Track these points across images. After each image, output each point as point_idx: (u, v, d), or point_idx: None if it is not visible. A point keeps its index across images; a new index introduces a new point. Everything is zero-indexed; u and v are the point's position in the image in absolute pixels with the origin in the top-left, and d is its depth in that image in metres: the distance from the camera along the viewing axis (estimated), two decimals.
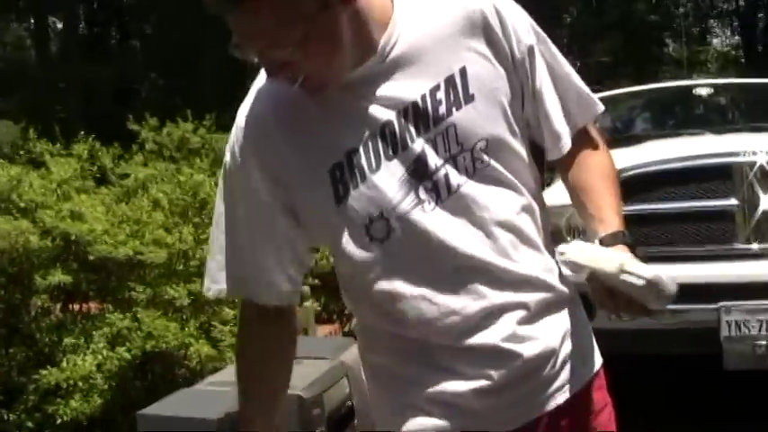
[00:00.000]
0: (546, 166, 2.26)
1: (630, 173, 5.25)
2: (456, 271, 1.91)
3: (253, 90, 2.02)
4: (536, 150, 2.13)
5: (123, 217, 5.94)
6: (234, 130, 2.01)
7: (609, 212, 2.04)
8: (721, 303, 5.36)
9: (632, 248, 1.99)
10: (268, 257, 2.02)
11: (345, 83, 1.89)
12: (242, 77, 23.10)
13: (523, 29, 2.02)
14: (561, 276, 2.05)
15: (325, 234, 1.99)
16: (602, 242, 1.98)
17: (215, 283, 2.08)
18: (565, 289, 2.05)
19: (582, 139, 2.15)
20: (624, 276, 1.87)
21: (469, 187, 1.92)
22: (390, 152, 1.90)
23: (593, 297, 1.95)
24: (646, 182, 5.44)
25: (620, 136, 7.98)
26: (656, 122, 8.96)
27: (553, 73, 2.07)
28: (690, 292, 5.54)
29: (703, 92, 8.34)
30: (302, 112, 1.93)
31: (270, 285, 2.04)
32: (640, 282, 1.86)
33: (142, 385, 5.64)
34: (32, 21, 28.94)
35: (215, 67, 21.87)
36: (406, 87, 1.92)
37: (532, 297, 1.98)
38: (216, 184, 7.14)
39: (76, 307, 6.13)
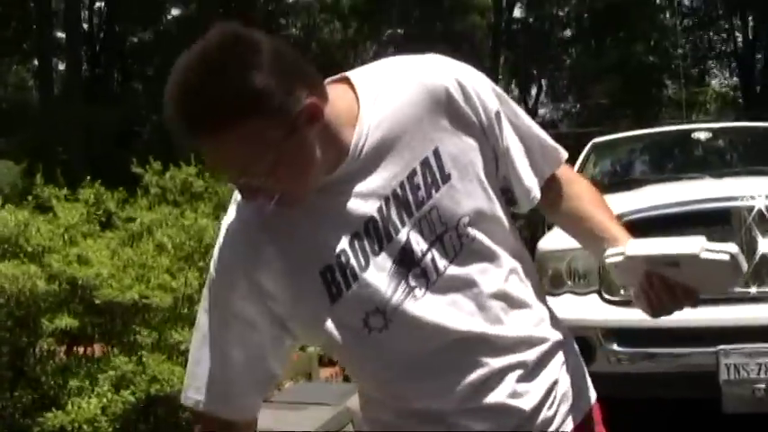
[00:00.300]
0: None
1: (630, 218, 5.28)
2: (454, 347, 1.94)
3: (233, 202, 2.00)
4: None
5: (129, 261, 5.97)
6: (218, 241, 2.00)
7: (617, 230, 2.10)
8: (720, 347, 5.41)
9: None
10: (247, 375, 2.03)
11: (323, 185, 1.90)
12: None
13: (487, 95, 2.03)
14: (553, 320, 2.12)
15: (319, 334, 1.98)
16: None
17: (195, 391, 2.05)
18: (558, 334, 2.11)
19: (557, 178, 2.21)
20: (707, 255, 1.88)
21: (457, 266, 1.95)
22: (376, 247, 1.91)
23: (647, 297, 2.00)
24: (645, 227, 5.46)
25: (620, 179, 8.06)
26: (656, 166, 9.03)
27: (518, 131, 2.09)
28: (689, 335, 5.63)
29: (702, 135, 8.40)
30: (285, 219, 1.92)
31: (244, 407, 2.07)
32: (725, 257, 1.88)
33: (146, 428, 5.66)
34: (36, 62, 29.12)
35: None
36: (383, 179, 1.93)
37: (529, 354, 2.03)
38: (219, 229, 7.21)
39: (81, 350, 6.15)
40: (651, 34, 29.74)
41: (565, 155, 2.22)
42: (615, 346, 5.65)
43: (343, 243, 1.91)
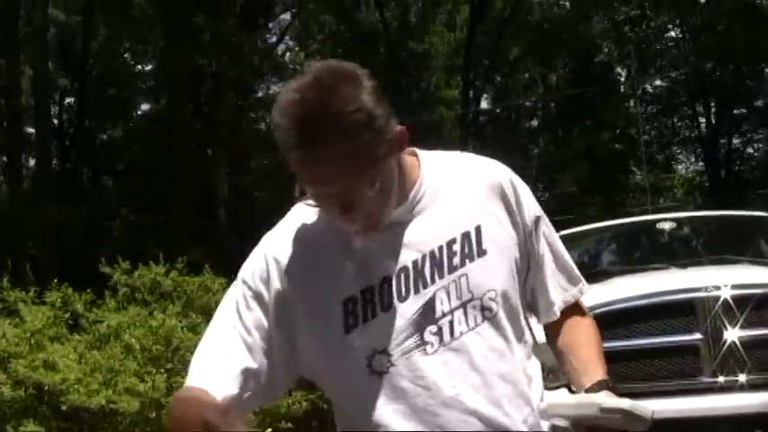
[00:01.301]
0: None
1: (598, 311, 5.30)
2: (443, 410, 2.02)
3: (284, 221, 2.20)
4: None
5: (96, 365, 5.96)
6: (257, 250, 2.17)
7: (592, 365, 2.23)
8: None
9: (616, 391, 2.16)
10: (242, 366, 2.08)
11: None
12: (213, 213, 23.23)
13: (532, 203, 2.25)
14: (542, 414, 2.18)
15: (321, 361, 2.10)
16: (588, 391, 2.16)
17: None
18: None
19: (569, 309, 2.34)
20: (603, 414, 2.08)
21: (474, 336, 2.06)
22: (403, 294, 2.05)
23: None
24: (613, 320, 5.52)
25: (587, 272, 8.05)
26: (622, 257, 9.08)
27: (551, 248, 2.29)
28: (660, 426, 5.63)
29: (666, 226, 8.46)
30: (325, 246, 2.11)
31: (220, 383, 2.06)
32: (617, 415, 2.08)
33: None
34: (5, 158, 29.08)
35: (186, 203, 22.02)
36: (425, 237, 2.10)
37: None
38: (187, 328, 7.23)
39: None
40: (617, 122, 30.14)
41: (587, 288, 2.37)
42: None
43: (373, 281, 2.06)
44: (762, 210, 11.11)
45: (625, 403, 2.10)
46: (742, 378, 5.67)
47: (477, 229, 2.13)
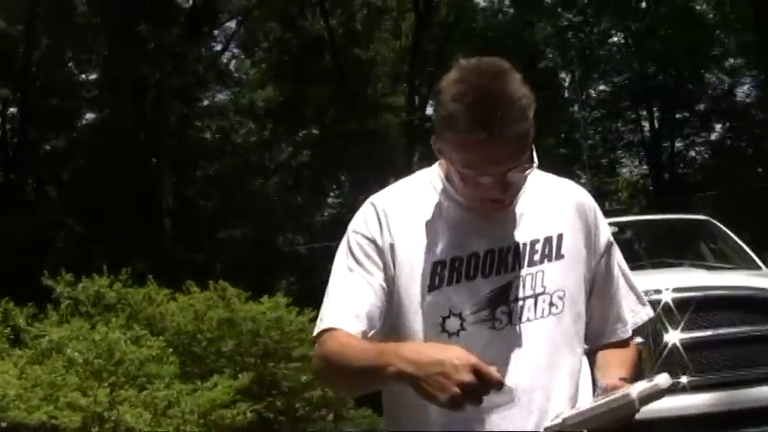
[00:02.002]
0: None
1: None
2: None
3: (390, 188, 2.46)
4: None
5: (37, 380, 5.89)
6: (365, 207, 2.41)
7: (615, 367, 2.40)
8: None
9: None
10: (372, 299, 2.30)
11: (476, 207, 2.31)
12: (158, 223, 23.09)
13: (606, 229, 2.48)
14: None
15: (405, 311, 2.31)
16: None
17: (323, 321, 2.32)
18: None
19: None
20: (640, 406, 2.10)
21: (538, 324, 2.29)
22: (486, 272, 2.29)
23: None
24: None
25: None
26: None
27: (623, 272, 2.51)
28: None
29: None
30: (428, 211, 2.36)
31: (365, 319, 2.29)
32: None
33: None
34: None
35: (131, 213, 21.87)
36: (515, 231, 2.34)
37: None
38: (131, 340, 7.18)
39: None
40: (561, 127, 30.35)
41: (652, 313, 2.58)
42: None
43: (464, 253, 2.30)
44: (705, 213, 11.26)
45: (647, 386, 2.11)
46: (684, 380, 5.75)
47: (560, 237, 2.37)
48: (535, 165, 2.24)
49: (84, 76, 30.22)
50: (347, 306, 2.29)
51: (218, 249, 27.36)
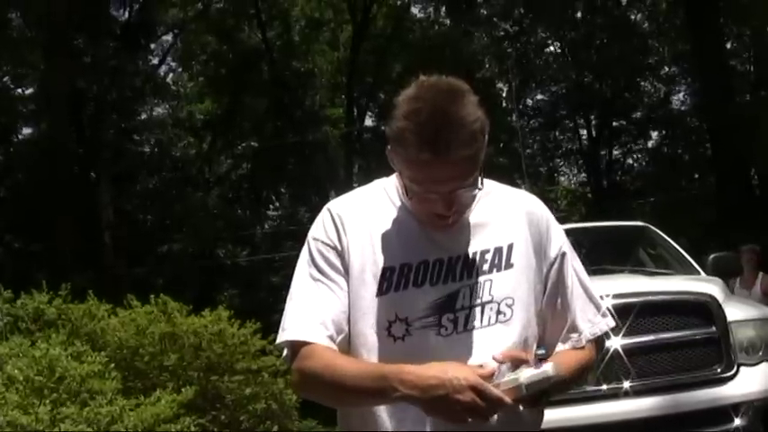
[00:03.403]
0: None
1: None
2: None
3: (348, 195, 2.53)
4: None
5: None
6: (322, 213, 2.47)
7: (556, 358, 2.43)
8: None
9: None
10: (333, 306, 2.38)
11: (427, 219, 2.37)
12: (98, 238, 22.86)
13: (560, 239, 2.51)
14: None
15: (354, 313, 2.37)
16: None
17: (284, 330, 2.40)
18: None
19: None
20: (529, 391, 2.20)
21: (484, 332, 2.33)
22: (434, 280, 2.35)
23: None
24: None
25: None
26: None
27: (580, 281, 2.52)
28: None
29: None
30: (383, 218, 2.43)
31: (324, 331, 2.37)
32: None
33: None
34: None
35: (70, 228, 21.64)
36: (465, 241, 2.40)
37: None
38: (72, 356, 7.10)
39: None
40: (500, 136, 30.55)
41: (612, 323, 2.60)
42: None
43: (413, 261, 2.37)
44: (643, 219, 11.38)
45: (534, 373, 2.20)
46: (626, 385, 5.80)
47: (510, 247, 2.43)
48: (481, 187, 2.30)
49: (20, 90, 29.86)
50: (312, 315, 2.36)
51: (158, 263, 27.18)
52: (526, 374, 2.16)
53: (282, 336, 2.38)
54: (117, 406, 6.80)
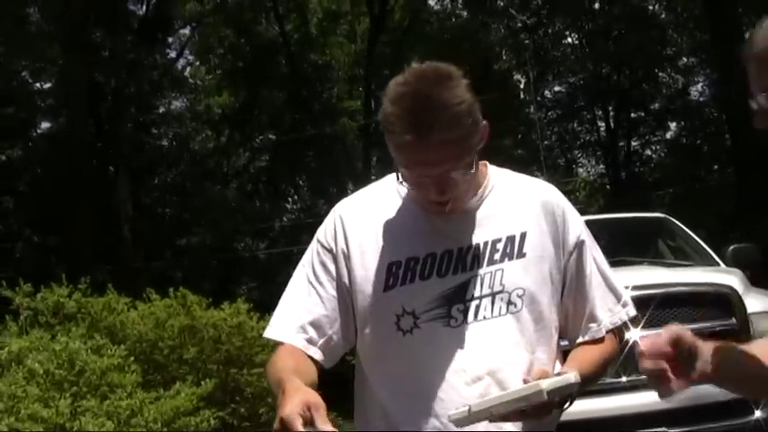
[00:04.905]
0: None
1: None
2: (453, 373, 2.30)
3: (359, 191, 2.56)
4: None
5: None
6: (331, 212, 2.51)
7: (571, 363, 2.36)
8: None
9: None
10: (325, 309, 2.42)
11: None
12: (117, 232, 22.93)
13: (578, 227, 2.48)
14: None
15: (363, 312, 2.39)
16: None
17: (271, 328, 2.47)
18: None
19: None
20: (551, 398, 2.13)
21: (494, 323, 2.32)
22: (443, 271, 2.34)
23: None
24: None
25: None
26: None
27: (600, 270, 2.49)
28: (566, 428, 5.71)
29: None
30: (389, 213, 2.44)
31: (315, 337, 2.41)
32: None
33: None
34: None
35: (89, 222, 21.71)
36: (476, 231, 2.39)
37: None
38: (92, 350, 7.13)
39: None
40: (518, 128, 30.49)
41: (633, 312, 2.56)
42: None
43: (420, 254, 2.36)
44: (662, 210, 11.34)
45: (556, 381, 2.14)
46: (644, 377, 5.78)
47: (523, 235, 2.40)
48: (473, 170, 2.30)
49: (38, 85, 29.96)
50: (294, 317, 2.42)
51: (177, 256, 27.26)
52: (548, 380, 2.12)
53: (266, 332, 2.48)
54: (137, 399, 6.82)
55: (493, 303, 2.33)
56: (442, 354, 2.30)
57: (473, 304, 2.33)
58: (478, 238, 2.39)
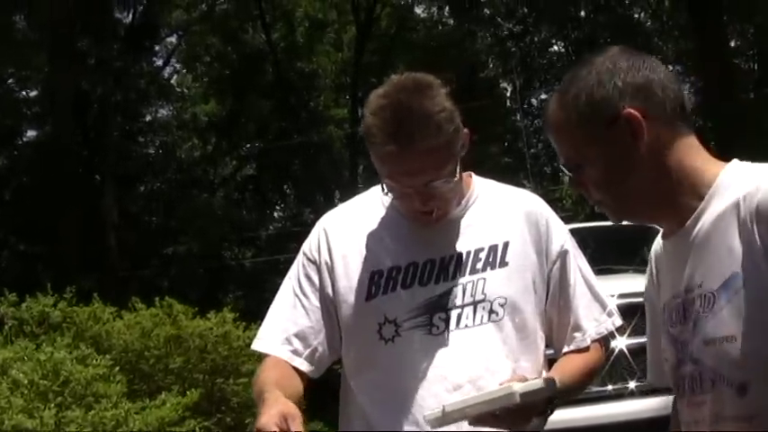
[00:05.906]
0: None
1: None
2: (432, 382, 2.32)
3: (349, 201, 2.59)
4: None
5: None
6: (316, 225, 2.54)
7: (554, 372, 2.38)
8: None
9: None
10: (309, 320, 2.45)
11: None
12: (103, 240, 22.87)
13: (562, 237, 2.49)
14: None
15: (346, 321, 2.42)
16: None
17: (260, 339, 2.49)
18: None
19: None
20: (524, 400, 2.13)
21: (475, 331, 2.34)
22: (425, 280, 2.37)
23: None
24: None
25: None
26: None
27: (585, 280, 2.50)
28: None
29: None
30: (373, 223, 2.46)
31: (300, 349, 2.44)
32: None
33: None
34: None
35: (75, 230, 21.64)
36: (457, 240, 2.41)
37: None
38: (77, 360, 7.10)
39: None
40: (504, 136, 30.51)
41: (619, 322, 2.57)
42: None
43: (402, 263, 2.39)
44: None
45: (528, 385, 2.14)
46: (631, 385, 5.81)
47: (505, 245, 2.42)
48: (457, 178, 2.33)
49: (24, 93, 29.87)
50: (280, 329, 2.45)
51: (164, 265, 27.18)
52: (521, 383, 2.12)
53: (254, 344, 2.52)
54: (122, 409, 6.80)
55: (475, 312, 2.35)
56: (423, 361, 2.32)
57: (455, 313, 2.35)
58: (461, 247, 2.41)
